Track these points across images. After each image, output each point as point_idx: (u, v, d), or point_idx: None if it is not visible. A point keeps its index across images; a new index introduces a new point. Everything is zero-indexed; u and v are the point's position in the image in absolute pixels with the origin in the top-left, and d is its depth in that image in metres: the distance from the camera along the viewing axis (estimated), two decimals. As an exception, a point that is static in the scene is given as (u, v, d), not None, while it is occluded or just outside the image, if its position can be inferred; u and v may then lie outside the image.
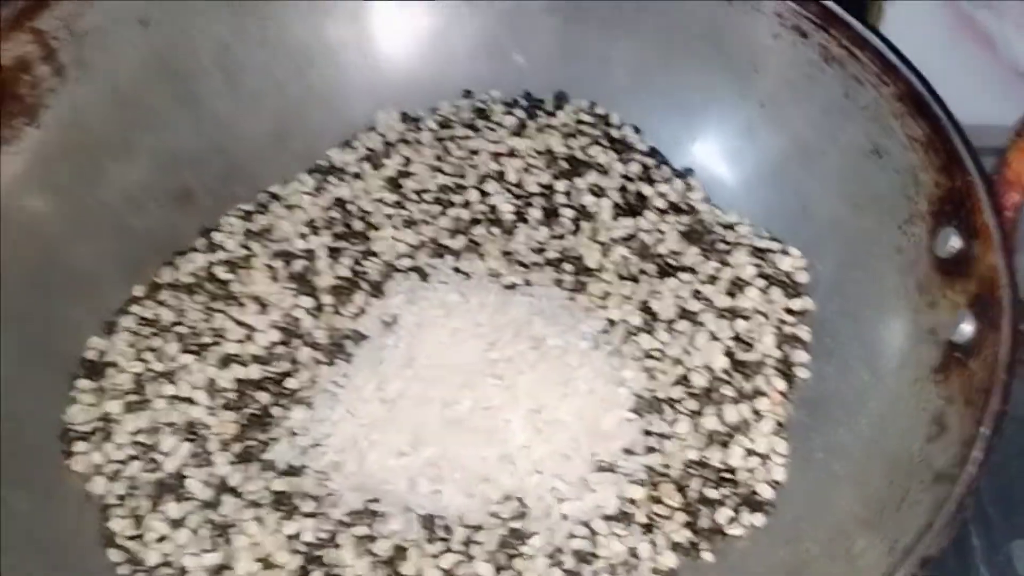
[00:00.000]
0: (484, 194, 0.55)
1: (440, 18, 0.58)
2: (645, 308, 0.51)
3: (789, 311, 0.51)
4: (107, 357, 0.50)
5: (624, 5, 0.55)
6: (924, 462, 0.42)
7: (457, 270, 0.53)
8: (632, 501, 0.46)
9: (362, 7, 0.57)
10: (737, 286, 0.52)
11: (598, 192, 0.55)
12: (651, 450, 0.48)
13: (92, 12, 0.52)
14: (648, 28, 0.55)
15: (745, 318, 0.51)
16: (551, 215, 0.54)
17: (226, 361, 0.50)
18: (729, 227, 0.54)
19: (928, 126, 0.47)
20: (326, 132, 0.57)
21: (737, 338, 0.50)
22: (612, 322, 0.51)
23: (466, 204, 0.55)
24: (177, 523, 0.46)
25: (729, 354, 0.50)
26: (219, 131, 0.56)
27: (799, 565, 0.44)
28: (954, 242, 0.45)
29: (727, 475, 0.47)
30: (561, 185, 0.55)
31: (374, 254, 0.54)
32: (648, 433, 0.48)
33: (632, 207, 0.54)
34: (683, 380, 0.49)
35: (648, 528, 0.46)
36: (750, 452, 0.48)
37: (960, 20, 0.56)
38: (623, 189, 0.55)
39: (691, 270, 0.52)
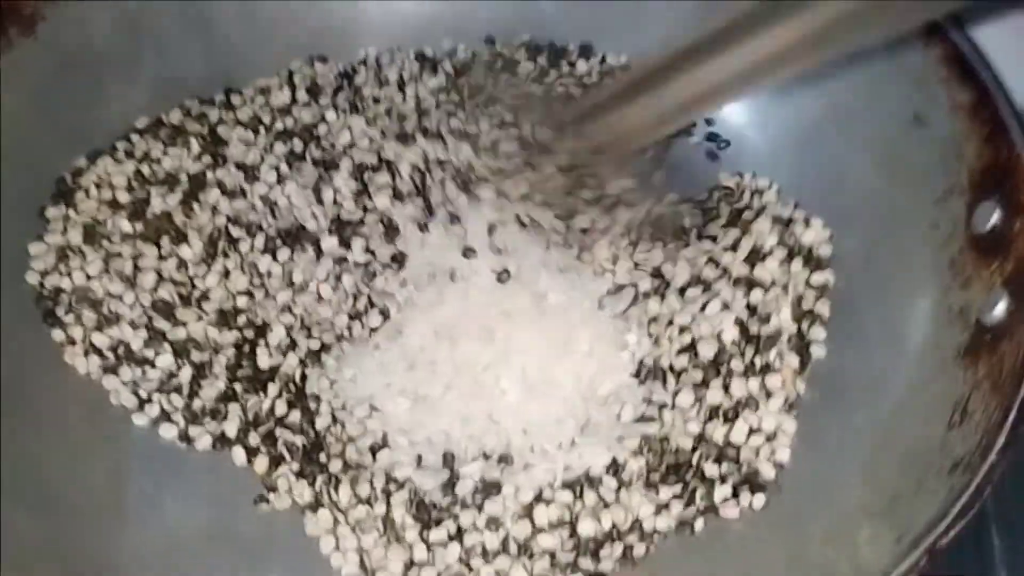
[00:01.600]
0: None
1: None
2: (657, 273, 0.48)
3: (809, 285, 0.48)
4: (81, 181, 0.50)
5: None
6: (943, 450, 0.39)
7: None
8: (624, 469, 0.43)
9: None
10: (757, 255, 0.48)
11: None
12: (649, 419, 0.45)
13: (100, -78, 0.50)
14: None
15: (762, 288, 0.47)
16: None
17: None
18: (756, 192, 0.51)
19: (975, 92, 0.44)
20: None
21: (752, 309, 0.47)
22: (621, 286, 0.48)
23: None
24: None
25: (741, 325, 0.46)
26: (227, 59, 0.54)
27: (798, 550, 0.41)
28: (994, 217, 0.42)
29: (729, 452, 0.44)
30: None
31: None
32: (648, 402, 0.45)
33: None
34: (690, 349, 0.46)
35: (639, 498, 0.43)
36: (755, 430, 0.44)
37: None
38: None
39: (710, 237, 0.49)
